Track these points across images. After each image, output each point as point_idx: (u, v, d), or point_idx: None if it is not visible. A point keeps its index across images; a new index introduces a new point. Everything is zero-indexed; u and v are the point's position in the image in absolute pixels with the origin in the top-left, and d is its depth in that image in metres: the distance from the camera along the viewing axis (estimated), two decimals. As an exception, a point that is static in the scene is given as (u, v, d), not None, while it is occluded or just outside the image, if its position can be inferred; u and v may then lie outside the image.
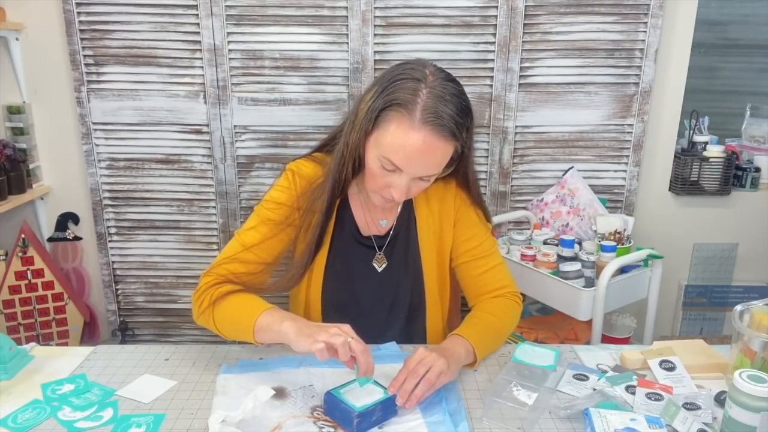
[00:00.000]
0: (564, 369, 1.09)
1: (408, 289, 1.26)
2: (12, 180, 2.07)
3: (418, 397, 0.95)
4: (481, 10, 2.05)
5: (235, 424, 0.89)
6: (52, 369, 1.10)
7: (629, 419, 0.89)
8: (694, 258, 2.34)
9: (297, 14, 2.05)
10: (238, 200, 2.23)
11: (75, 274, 2.33)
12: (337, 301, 1.24)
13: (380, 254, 1.24)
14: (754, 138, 2.34)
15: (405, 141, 1.01)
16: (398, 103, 1.02)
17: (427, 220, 1.23)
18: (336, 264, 1.23)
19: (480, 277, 1.24)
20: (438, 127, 1.01)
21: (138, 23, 2.07)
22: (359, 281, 1.24)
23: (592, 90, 2.13)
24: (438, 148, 1.03)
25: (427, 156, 1.03)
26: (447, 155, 1.07)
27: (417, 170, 1.05)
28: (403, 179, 1.06)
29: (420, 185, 1.10)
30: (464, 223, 1.24)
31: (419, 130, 1.01)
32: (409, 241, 1.24)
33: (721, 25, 2.39)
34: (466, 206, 1.25)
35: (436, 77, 1.04)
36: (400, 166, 1.04)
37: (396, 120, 1.02)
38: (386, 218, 1.24)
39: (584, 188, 2.11)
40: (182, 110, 2.15)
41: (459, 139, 1.06)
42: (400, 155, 1.03)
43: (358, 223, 1.23)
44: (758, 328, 1.00)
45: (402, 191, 1.07)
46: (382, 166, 1.06)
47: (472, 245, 1.24)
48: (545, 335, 1.95)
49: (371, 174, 1.09)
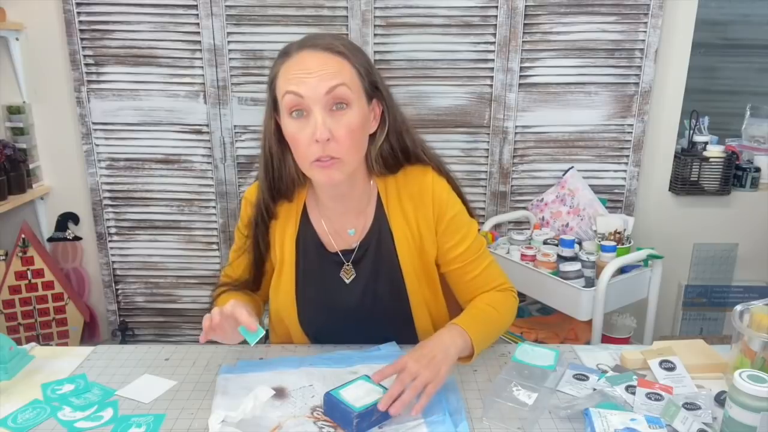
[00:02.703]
0: (564, 369, 1.09)
1: (387, 301, 1.19)
2: (12, 180, 2.07)
3: (404, 402, 0.93)
4: (481, 10, 2.05)
5: (234, 424, 0.89)
6: (52, 369, 1.10)
7: (629, 419, 0.89)
8: (694, 258, 2.34)
9: (297, 14, 2.05)
10: (238, 200, 2.23)
11: (75, 274, 2.33)
12: (311, 321, 1.21)
13: (348, 266, 1.18)
14: (754, 138, 2.34)
15: (291, 67, 1.02)
16: (278, 57, 1.06)
17: (404, 230, 1.16)
18: (305, 287, 1.19)
19: (473, 281, 1.19)
20: (316, 42, 1.03)
21: (138, 23, 2.07)
22: (329, 295, 1.19)
23: (592, 90, 2.13)
24: (326, 60, 1.02)
25: (318, 66, 1.00)
26: (342, 67, 1.02)
27: (316, 85, 0.99)
28: (317, 114, 1.00)
29: (340, 121, 1.02)
30: (449, 227, 1.16)
31: (299, 52, 1.03)
32: (382, 250, 1.17)
33: (721, 25, 2.39)
34: (446, 204, 1.16)
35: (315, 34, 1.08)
36: (297, 90, 1.00)
37: (282, 67, 1.04)
38: (354, 226, 1.17)
39: (584, 188, 2.11)
40: (182, 110, 2.15)
41: (350, 56, 1.03)
42: (292, 79, 1.01)
43: (321, 239, 1.18)
44: (758, 328, 1.00)
45: (320, 127, 0.99)
46: (292, 119, 1.02)
47: (460, 250, 1.16)
48: (545, 335, 1.95)
49: (294, 141, 1.04)
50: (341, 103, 1.02)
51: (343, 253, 1.18)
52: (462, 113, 2.14)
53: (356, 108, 1.03)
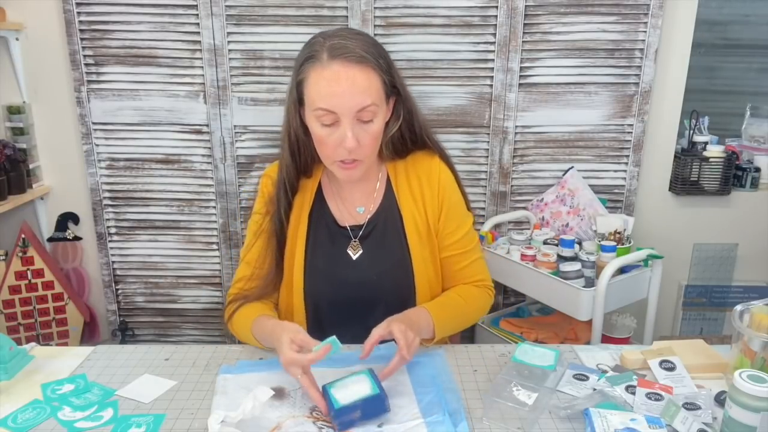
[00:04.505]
0: (564, 369, 1.09)
1: (392, 278, 1.24)
2: (12, 180, 2.07)
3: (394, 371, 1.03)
4: (481, 10, 2.05)
5: (234, 425, 0.89)
6: (52, 369, 1.10)
7: (629, 419, 0.89)
8: (694, 258, 2.34)
9: (297, 14, 2.05)
10: (238, 200, 2.23)
11: (75, 274, 2.33)
12: (319, 295, 1.24)
13: (355, 242, 1.24)
14: (754, 138, 2.34)
15: (324, 81, 1.06)
16: (307, 57, 1.09)
17: (412, 209, 1.23)
18: (313, 258, 1.24)
19: (459, 272, 1.27)
20: (346, 54, 1.06)
21: (138, 23, 2.07)
22: (335, 269, 1.24)
23: (592, 90, 2.13)
24: (356, 74, 1.06)
25: (350, 85, 1.05)
26: (371, 82, 1.08)
27: (348, 103, 1.06)
28: (346, 126, 1.07)
29: (367, 131, 1.10)
30: (449, 213, 1.24)
31: (330, 65, 1.06)
32: (389, 229, 1.24)
33: (721, 25, 2.39)
34: (450, 190, 1.25)
35: (339, 29, 1.12)
36: (331, 107, 1.06)
37: (311, 71, 1.08)
38: (363, 205, 1.25)
39: (584, 188, 2.11)
40: (182, 110, 2.15)
41: (376, 64, 1.08)
42: (325, 97, 1.06)
43: (333, 214, 1.25)
44: (758, 328, 1.00)
45: (350, 139, 1.07)
46: (322, 124, 1.09)
47: (455, 238, 1.25)
48: (545, 335, 1.95)
49: (320, 142, 1.12)
50: (368, 118, 1.10)
51: (351, 229, 1.24)
52: (462, 113, 2.14)
53: (380, 116, 1.12)
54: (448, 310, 1.19)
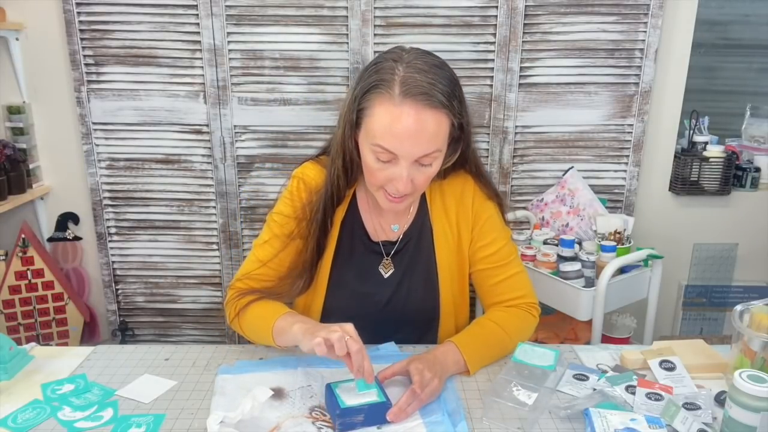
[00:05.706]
0: (564, 369, 1.09)
1: (419, 297, 1.20)
2: (12, 180, 2.07)
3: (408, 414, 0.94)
4: (481, 10, 2.05)
5: (233, 425, 0.89)
6: (52, 369, 1.10)
7: (629, 419, 0.89)
8: (694, 258, 2.34)
9: (297, 14, 2.05)
10: (238, 200, 2.23)
11: (75, 274, 2.33)
12: (339, 308, 1.20)
13: (387, 260, 1.19)
14: (754, 138, 2.34)
15: (390, 120, 0.97)
16: (376, 84, 0.99)
17: (444, 226, 1.18)
18: (341, 270, 1.19)
19: (496, 285, 1.19)
20: (421, 95, 0.96)
21: (138, 23, 2.07)
22: (365, 287, 1.20)
23: (592, 90, 2.13)
24: (426, 119, 0.97)
25: (417, 130, 0.97)
26: (440, 128, 0.99)
27: (411, 149, 0.98)
28: (403, 167, 1.00)
29: (423, 173, 1.03)
30: (483, 227, 1.18)
31: (401, 104, 0.96)
32: (422, 247, 1.19)
33: (721, 25, 2.39)
34: (484, 206, 1.19)
35: (413, 54, 1.01)
36: (392, 149, 0.98)
37: (377, 102, 0.98)
38: (398, 222, 1.19)
39: (584, 188, 2.11)
40: (182, 110, 2.15)
41: (449, 108, 0.99)
42: (388, 137, 0.98)
43: (367, 228, 1.19)
44: (758, 328, 1.00)
45: (405, 181, 1.00)
46: (377, 158, 1.01)
47: (491, 251, 1.18)
48: (545, 335, 1.95)
49: (369, 170, 1.04)
50: (428, 162, 1.03)
51: (384, 245, 1.19)
52: (462, 113, 2.14)
53: (440, 159, 1.06)
54: (480, 340, 1.11)
